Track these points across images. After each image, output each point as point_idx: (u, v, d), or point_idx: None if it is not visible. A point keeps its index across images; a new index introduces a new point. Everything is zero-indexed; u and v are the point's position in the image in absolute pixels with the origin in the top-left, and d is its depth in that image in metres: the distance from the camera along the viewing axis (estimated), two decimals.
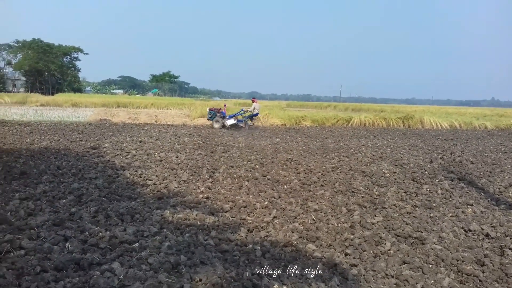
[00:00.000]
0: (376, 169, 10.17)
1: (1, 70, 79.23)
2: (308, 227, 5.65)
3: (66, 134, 14.70)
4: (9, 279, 3.44)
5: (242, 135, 17.18)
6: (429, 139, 19.44)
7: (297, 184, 8.10)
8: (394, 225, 5.88)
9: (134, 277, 3.59)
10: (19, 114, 24.08)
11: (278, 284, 3.87)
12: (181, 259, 4.13)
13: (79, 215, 5.43)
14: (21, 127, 16.48)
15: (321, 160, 11.23)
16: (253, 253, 4.58)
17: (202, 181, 8.09)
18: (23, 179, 7.42)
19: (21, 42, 76.53)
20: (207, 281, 3.70)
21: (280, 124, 25.10)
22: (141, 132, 16.73)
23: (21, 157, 9.47)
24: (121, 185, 7.40)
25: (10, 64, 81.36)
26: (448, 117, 30.71)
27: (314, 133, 20.00)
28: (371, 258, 4.79)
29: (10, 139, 12.65)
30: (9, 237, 4.35)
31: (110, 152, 10.91)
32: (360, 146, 15.05)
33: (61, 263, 3.80)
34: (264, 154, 11.86)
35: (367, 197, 7.35)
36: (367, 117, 27.76)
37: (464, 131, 25.78)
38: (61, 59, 77.93)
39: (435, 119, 29.04)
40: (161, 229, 5.13)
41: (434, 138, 20.11)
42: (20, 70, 75.67)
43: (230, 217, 5.89)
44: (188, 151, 11.84)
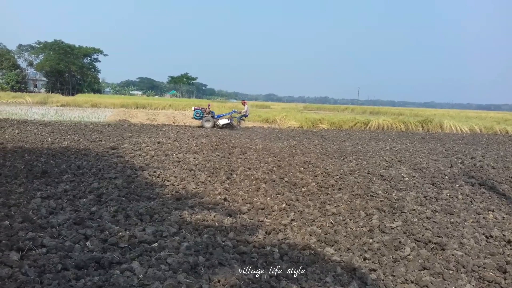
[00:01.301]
0: (395, 173, 10.07)
1: (23, 70, 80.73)
2: (326, 230, 5.62)
3: (86, 134, 14.92)
4: (31, 276, 3.50)
5: (259, 137, 17.18)
6: (449, 143, 19.17)
7: (315, 187, 8.07)
8: (414, 230, 5.80)
9: (153, 276, 3.62)
10: (40, 114, 24.55)
11: (296, 286, 3.86)
12: (199, 260, 4.14)
13: (99, 214, 5.50)
14: (42, 127, 16.77)
15: (339, 163, 11.17)
16: (271, 255, 4.57)
17: (220, 182, 8.12)
18: (45, 178, 7.55)
19: (42, 43, 78.08)
20: (225, 282, 3.71)
21: (297, 127, 25.07)
22: (159, 133, 16.87)
23: (43, 156, 9.64)
24: (140, 185, 7.47)
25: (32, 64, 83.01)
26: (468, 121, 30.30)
27: (331, 136, 19.90)
28: (390, 263, 4.73)
29: (32, 138, 12.88)
30: (31, 235, 4.43)
31: (129, 153, 11.02)
32: (379, 150, 14.92)
33: (82, 262, 3.85)
34: (281, 157, 11.84)
35: (386, 201, 7.27)
36: (386, 120, 27.53)
37: (485, 136, 25.36)
38: (81, 60, 79.24)
39: (455, 123, 28.67)
40: (179, 229, 5.16)
41: (454, 142, 19.83)
42: (42, 70, 77.15)
43: (248, 219, 5.89)
44: (206, 152, 11.89)
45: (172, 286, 3.42)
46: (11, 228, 4.67)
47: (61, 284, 3.41)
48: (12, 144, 11.33)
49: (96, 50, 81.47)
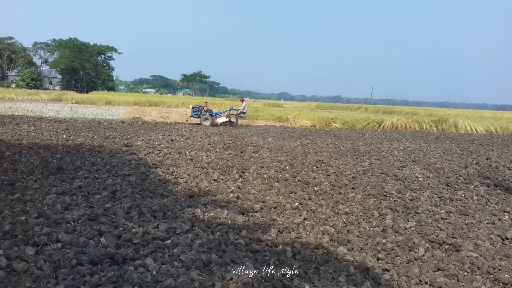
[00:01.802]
0: (409, 173, 9.98)
1: (38, 68, 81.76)
2: (339, 230, 5.59)
3: (100, 132, 15.05)
4: (46, 271, 3.55)
5: (271, 136, 17.17)
6: (464, 143, 18.95)
7: (328, 186, 8.03)
8: (428, 231, 5.74)
9: (166, 273, 3.64)
10: (55, 111, 24.84)
11: (309, 285, 3.84)
12: (212, 258, 4.15)
13: (113, 210, 5.54)
14: (57, 124, 16.97)
15: (352, 163, 11.11)
16: (284, 254, 4.56)
17: (232, 180, 8.13)
18: (60, 174, 7.64)
19: (57, 41, 78.92)
20: (238, 280, 3.71)
21: (310, 126, 25.00)
22: (172, 131, 16.96)
23: (58, 153, 9.76)
24: (154, 182, 7.51)
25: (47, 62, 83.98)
26: (483, 122, 29.91)
27: (344, 135, 19.81)
28: (404, 263, 4.69)
29: (47, 135, 13.04)
30: (47, 230, 4.49)
31: (143, 150, 11.10)
32: (392, 149, 14.80)
33: (96, 257, 3.88)
34: (294, 155, 11.81)
35: (400, 201, 7.21)
36: (399, 120, 27.31)
37: (501, 136, 25.01)
38: (95, 58, 79.90)
39: (470, 123, 28.33)
40: (192, 227, 5.18)
41: (469, 142, 19.59)
42: (57, 68, 78.00)
43: (260, 217, 5.89)
44: (218, 150, 11.92)
45: (185, 283, 3.43)
46: (27, 223, 4.74)
47: (76, 279, 3.44)
48: (28, 141, 11.48)
49: (110, 48, 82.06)
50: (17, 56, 75.92)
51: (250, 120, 26.53)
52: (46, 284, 3.33)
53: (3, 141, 11.15)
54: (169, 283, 3.44)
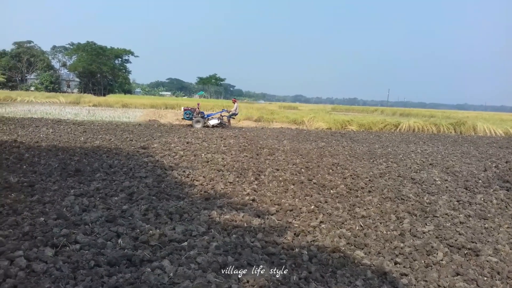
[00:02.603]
0: (427, 176, 9.85)
1: (56, 71, 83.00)
2: (356, 233, 5.54)
3: (117, 134, 15.22)
4: (65, 272, 3.59)
5: (286, 139, 17.14)
6: (483, 146, 18.64)
7: (344, 189, 7.98)
8: (447, 235, 5.66)
9: (183, 275, 3.65)
10: (73, 113, 25.19)
11: None
12: (228, 260, 4.15)
13: (130, 212, 5.59)
14: (75, 126, 17.20)
15: (368, 166, 11.02)
16: (300, 257, 4.54)
17: (248, 183, 8.13)
18: (78, 176, 7.74)
19: (76, 44, 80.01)
20: (254, 283, 3.70)
21: (326, 128, 24.89)
22: (188, 133, 17.06)
23: (76, 155, 9.89)
24: (170, 184, 7.56)
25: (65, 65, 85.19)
26: (502, 124, 29.38)
27: (360, 138, 19.66)
28: (422, 268, 4.63)
29: (65, 137, 13.23)
30: (65, 231, 4.54)
31: (159, 152, 11.18)
32: (409, 152, 14.64)
33: (114, 259, 3.92)
34: (309, 158, 11.77)
35: (417, 205, 7.13)
36: (416, 122, 27.02)
37: None
38: (113, 61, 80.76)
39: (488, 126, 27.86)
40: (208, 229, 5.19)
41: (488, 145, 19.26)
42: (75, 71, 79.04)
43: (276, 220, 5.87)
44: (234, 153, 11.94)
45: (202, 285, 3.44)
46: (46, 225, 4.81)
47: (94, 280, 3.47)
48: (47, 143, 11.66)
49: (127, 52, 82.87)
50: (36, 59, 77.20)
51: (265, 122, 26.50)
52: (65, 285, 3.36)
53: (22, 143, 11.34)
54: (186, 285, 3.45)
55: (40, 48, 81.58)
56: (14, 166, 8.20)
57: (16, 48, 77.67)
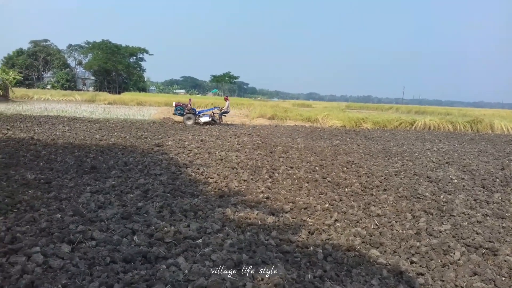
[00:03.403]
0: (443, 174, 9.73)
1: (72, 69, 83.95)
2: (371, 232, 5.49)
3: (132, 132, 15.33)
4: (81, 268, 3.62)
5: (300, 137, 17.08)
6: (500, 144, 18.35)
7: (359, 188, 7.92)
8: (464, 234, 5.58)
9: (198, 272, 3.65)
10: (89, 111, 25.45)
11: None
12: (243, 258, 4.15)
13: (145, 209, 5.62)
14: (91, 124, 17.37)
15: (383, 164, 10.92)
16: (315, 255, 4.51)
17: (262, 181, 8.12)
18: (93, 173, 7.81)
19: (91, 43, 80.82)
20: (269, 280, 3.69)
21: (340, 126, 24.75)
22: (202, 131, 17.12)
23: (91, 153, 9.98)
24: (184, 182, 7.58)
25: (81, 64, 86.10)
26: None
27: (375, 136, 19.51)
28: (439, 267, 4.57)
29: (81, 135, 13.36)
30: (82, 228, 4.59)
31: (173, 150, 11.23)
32: (425, 150, 14.47)
33: (130, 255, 3.94)
34: (323, 156, 11.71)
35: (434, 204, 7.03)
36: (432, 120, 26.71)
37: None
38: (127, 60, 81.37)
39: (506, 124, 27.43)
40: (223, 226, 5.19)
41: (505, 143, 18.96)
42: (90, 69, 79.90)
43: (291, 218, 5.85)
44: (248, 150, 11.94)
45: (217, 283, 3.43)
46: (63, 221, 4.86)
47: (110, 277, 3.50)
48: (63, 140, 11.79)
49: (142, 50, 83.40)
50: (52, 58, 78.18)
51: (279, 120, 26.45)
52: (81, 281, 3.39)
53: (39, 140, 11.49)
54: (201, 283, 3.45)
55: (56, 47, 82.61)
56: (31, 163, 8.31)
57: (32, 46, 78.81)
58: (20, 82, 52.83)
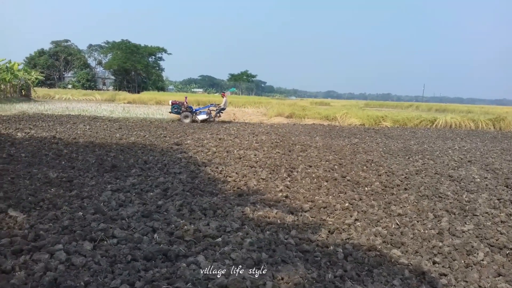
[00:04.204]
0: (465, 173, 9.55)
1: (92, 69, 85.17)
2: (392, 231, 5.42)
3: (152, 130, 15.46)
4: (103, 266, 3.66)
5: (319, 135, 16.99)
6: None
7: (379, 187, 7.83)
8: (487, 234, 5.46)
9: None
10: (109, 110, 25.76)
11: None
12: (262, 257, 4.14)
13: (165, 208, 5.65)
14: (111, 123, 17.59)
15: (404, 163, 10.78)
16: (335, 255, 4.48)
17: (281, 179, 8.09)
18: (114, 171, 7.90)
19: (111, 43, 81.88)
20: (289, 280, 3.67)
21: (359, 124, 24.53)
22: (220, 130, 17.16)
23: (112, 151, 10.11)
24: (203, 180, 7.61)
25: (100, 63, 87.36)
26: None
27: (395, 134, 19.28)
28: (462, 268, 4.48)
29: (102, 134, 13.54)
30: (103, 226, 4.64)
31: (192, 149, 11.29)
32: (446, 149, 14.24)
33: (150, 253, 3.96)
34: (342, 155, 11.62)
35: (456, 203, 6.91)
36: (453, 118, 26.27)
37: None
38: (146, 59, 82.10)
39: None
40: (242, 225, 5.19)
41: None
42: (110, 69, 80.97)
43: (310, 217, 5.82)
44: (266, 149, 11.92)
45: (237, 281, 3.43)
46: (84, 219, 4.93)
47: (131, 274, 3.53)
48: (84, 139, 11.97)
49: (161, 49, 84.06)
50: (73, 58, 79.44)
51: (297, 119, 26.35)
52: (103, 279, 3.43)
53: (61, 139, 11.69)
54: (221, 281, 3.45)
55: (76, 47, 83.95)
56: (53, 162, 8.46)
57: (54, 47, 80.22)
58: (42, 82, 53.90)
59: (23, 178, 6.88)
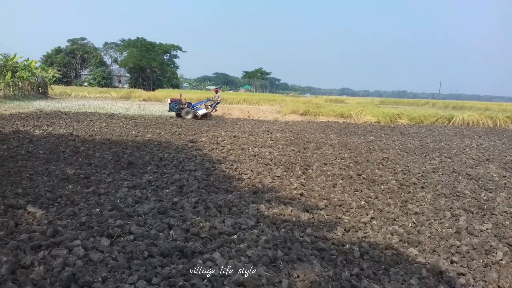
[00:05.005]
0: (483, 172, 9.41)
1: (108, 67, 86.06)
2: (409, 230, 5.36)
3: (167, 128, 15.55)
4: (120, 262, 3.69)
5: (334, 133, 16.90)
6: None
7: (395, 185, 7.76)
8: (506, 234, 5.37)
9: (234, 268, 3.66)
10: (125, 108, 25.99)
11: (378, 287, 3.72)
12: (278, 254, 4.13)
13: (181, 204, 5.68)
14: (127, 120, 17.73)
15: (421, 161, 10.66)
16: (351, 253, 4.45)
17: (296, 177, 8.07)
18: (130, 168, 7.97)
19: (126, 41, 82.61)
20: (305, 278, 3.66)
21: (374, 122, 24.34)
22: (234, 127, 17.18)
23: (128, 148, 10.19)
24: (218, 178, 7.63)
25: (116, 61, 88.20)
26: None
27: (411, 132, 19.08)
28: (480, 267, 4.42)
29: (118, 131, 13.66)
30: (120, 222, 4.69)
31: (207, 146, 11.33)
32: (464, 147, 14.05)
33: (167, 250, 3.99)
34: (358, 152, 11.54)
35: (474, 202, 6.81)
36: (471, 116, 25.91)
37: None
38: (161, 57, 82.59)
39: None
40: (257, 223, 5.19)
41: None
42: (125, 67, 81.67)
43: (325, 215, 5.79)
44: (281, 147, 11.90)
45: (253, 279, 3.43)
46: (101, 215, 4.98)
47: (148, 271, 3.55)
48: (100, 136, 12.09)
49: (175, 47, 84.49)
50: (89, 56, 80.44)
51: (311, 116, 26.26)
52: (120, 275, 3.46)
53: (78, 136, 11.82)
54: (237, 278, 3.45)
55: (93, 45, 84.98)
56: (70, 159, 8.57)
57: (70, 45, 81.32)
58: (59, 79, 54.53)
59: (41, 175, 6.98)
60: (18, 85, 34.03)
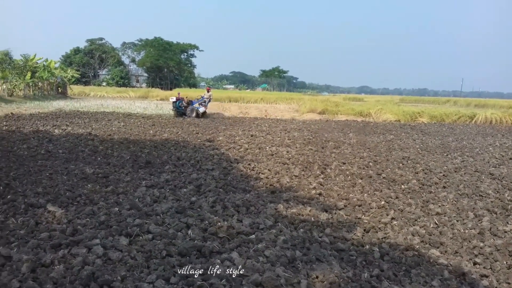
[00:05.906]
0: (507, 171, 9.19)
1: (126, 67, 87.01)
2: (430, 231, 5.25)
3: (184, 127, 15.62)
4: (139, 261, 3.69)
5: (352, 131, 16.74)
6: None
7: (416, 185, 7.62)
8: None
9: (252, 268, 3.63)
10: (142, 107, 26.22)
11: None
12: (296, 254, 4.09)
13: (198, 204, 5.67)
14: (144, 120, 17.87)
15: (442, 160, 10.47)
16: (371, 254, 4.37)
17: (314, 177, 8.00)
18: (148, 168, 8.01)
19: (144, 40, 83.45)
20: (324, 278, 3.61)
21: (394, 120, 24.05)
22: (252, 126, 17.16)
23: (146, 148, 10.25)
24: (236, 177, 7.61)
25: (134, 61, 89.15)
26: None
27: (432, 130, 18.80)
28: (504, 269, 4.29)
29: (136, 130, 13.77)
30: (139, 221, 4.70)
31: (224, 145, 11.32)
32: (487, 146, 13.76)
33: (185, 249, 3.98)
34: (377, 152, 11.40)
35: (498, 202, 6.64)
36: (494, 114, 25.40)
37: None
38: (179, 56, 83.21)
39: None
40: (275, 222, 5.15)
41: None
42: (143, 66, 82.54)
43: (345, 215, 5.71)
44: (299, 146, 11.83)
45: (271, 279, 3.39)
46: (120, 215, 5.01)
47: (166, 270, 3.55)
48: (119, 136, 12.20)
49: (193, 46, 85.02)
50: (107, 56, 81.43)
51: (329, 115, 26.08)
52: (139, 274, 3.46)
53: (96, 136, 11.96)
54: (255, 278, 3.42)
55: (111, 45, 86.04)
56: (89, 158, 8.66)
57: (89, 45, 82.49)
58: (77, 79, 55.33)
59: (60, 174, 7.07)
60: (38, 85, 34.65)
